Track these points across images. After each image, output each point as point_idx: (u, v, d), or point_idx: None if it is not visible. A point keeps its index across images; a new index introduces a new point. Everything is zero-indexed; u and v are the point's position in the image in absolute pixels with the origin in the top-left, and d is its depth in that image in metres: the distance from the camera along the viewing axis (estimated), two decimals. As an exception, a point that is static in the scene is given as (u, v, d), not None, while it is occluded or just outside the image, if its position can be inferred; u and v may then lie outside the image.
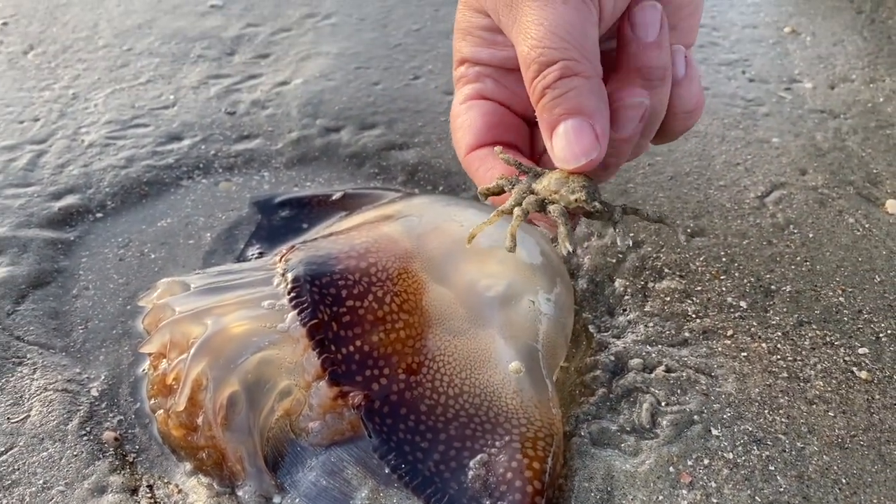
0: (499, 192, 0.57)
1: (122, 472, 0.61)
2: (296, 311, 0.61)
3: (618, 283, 0.76)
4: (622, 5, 0.57)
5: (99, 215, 0.88)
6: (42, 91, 1.11)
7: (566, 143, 0.53)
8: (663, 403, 0.63)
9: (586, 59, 0.53)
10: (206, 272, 0.71)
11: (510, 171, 0.57)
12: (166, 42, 1.26)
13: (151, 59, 1.20)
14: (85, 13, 1.36)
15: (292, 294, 0.62)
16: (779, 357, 0.68)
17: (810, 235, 0.82)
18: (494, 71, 0.63)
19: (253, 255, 0.81)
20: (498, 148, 0.58)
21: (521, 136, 0.64)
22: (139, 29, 1.30)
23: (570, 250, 0.53)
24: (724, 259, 0.79)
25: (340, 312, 0.61)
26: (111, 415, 0.66)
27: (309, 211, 0.87)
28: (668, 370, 0.66)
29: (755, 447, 0.60)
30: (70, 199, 0.89)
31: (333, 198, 0.88)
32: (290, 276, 0.63)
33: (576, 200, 0.52)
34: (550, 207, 0.53)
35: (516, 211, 0.54)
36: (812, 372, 0.66)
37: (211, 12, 1.36)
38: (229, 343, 0.60)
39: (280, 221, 0.86)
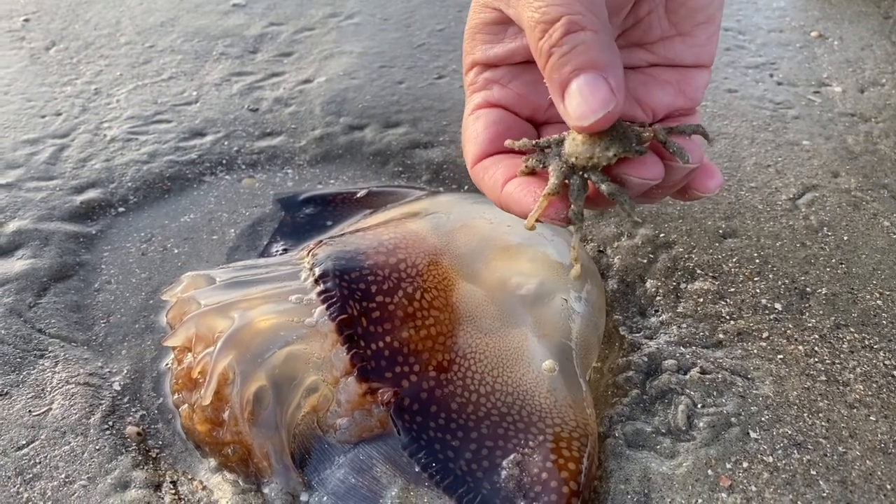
0: (531, 173, 0.54)
1: (146, 467, 0.60)
2: (324, 306, 0.60)
3: (649, 283, 0.75)
4: None
5: (121, 210, 0.87)
6: (64, 86, 1.11)
7: (581, 100, 0.50)
8: (699, 405, 0.62)
9: (592, 12, 0.51)
10: (231, 266, 0.70)
11: (516, 169, 0.55)
12: (188, 40, 1.25)
13: (174, 56, 1.20)
14: (107, 10, 1.36)
15: (321, 288, 0.61)
16: (816, 360, 0.66)
17: (845, 238, 0.80)
18: (503, 72, 0.61)
19: (277, 251, 0.80)
20: (508, 141, 0.56)
21: (528, 133, 0.61)
22: (161, 27, 1.30)
23: (639, 220, 0.50)
24: (757, 260, 0.77)
25: (370, 308, 0.60)
26: (134, 409, 0.65)
27: (333, 208, 0.86)
28: (703, 372, 0.64)
29: (795, 451, 0.58)
30: (92, 193, 0.88)
31: (358, 195, 0.87)
32: (318, 270, 0.62)
33: (614, 155, 0.49)
34: (594, 178, 0.50)
35: (572, 190, 0.50)
36: (851, 375, 0.65)
37: (233, 11, 1.35)
38: (256, 337, 0.59)
39: (304, 218, 0.85)
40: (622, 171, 0.51)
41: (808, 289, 0.74)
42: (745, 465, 0.57)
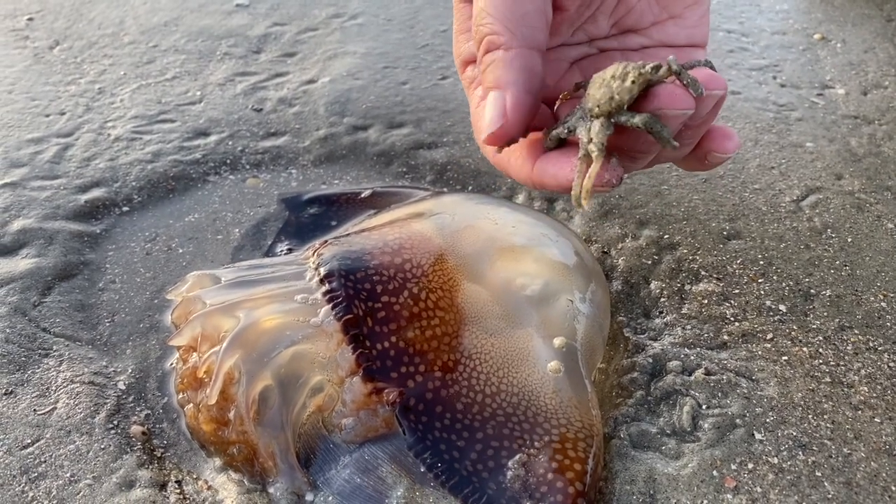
0: (559, 145, 0.55)
1: (151, 466, 0.60)
2: (330, 306, 0.60)
3: (653, 285, 0.75)
4: None
5: (125, 209, 0.88)
6: (68, 85, 1.11)
7: (485, 114, 0.54)
8: (704, 406, 0.62)
9: (509, 30, 0.53)
10: (237, 266, 0.70)
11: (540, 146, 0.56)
12: (192, 40, 1.25)
13: (177, 56, 1.20)
14: (111, 10, 1.36)
15: (326, 288, 0.61)
16: (821, 361, 0.66)
17: (849, 240, 0.80)
18: None
19: (281, 251, 0.80)
20: (564, 94, 0.57)
21: (544, 117, 0.62)
22: (165, 26, 1.30)
23: (676, 145, 0.49)
24: (761, 262, 0.77)
25: (375, 308, 0.60)
26: (138, 409, 0.65)
27: (337, 208, 0.86)
28: (708, 373, 0.65)
29: (800, 452, 0.58)
30: (96, 193, 0.88)
31: (362, 195, 0.87)
32: (323, 270, 0.62)
33: (633, 81, 0.48)
34: (623, 118, 0.50)
35: (593, 150, 0.50)
36: (856, 377, 0.65)
37: (237, 11, 1.35)
38: (262, 336, 0.59)
39: (308, 218, 0.85)
40: (655, 107, 0.50)
41: (812, 290, 0.74)
42: (750, 466, 0.57)
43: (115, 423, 0.63)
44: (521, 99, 0.53)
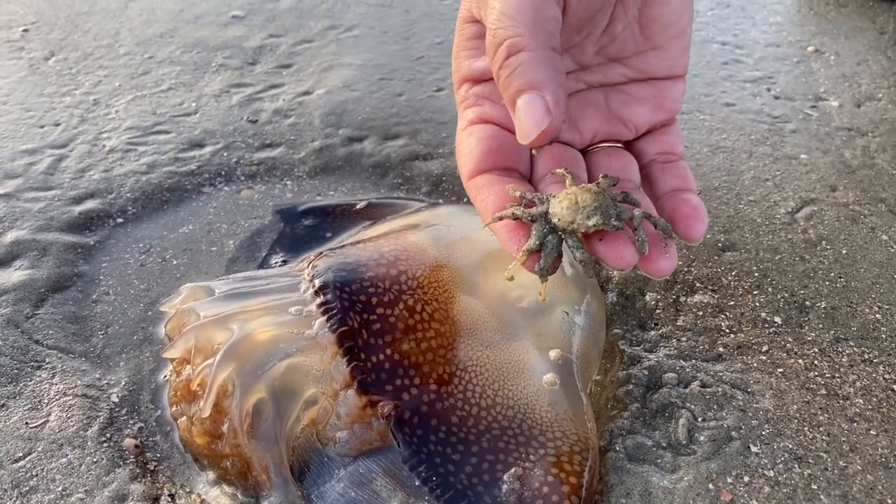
0: (516, 219, 0.55)
1: (143, 480, 0.59)
2: (325, 318, 0.60)
3: (649, 296, 0.75)
4: None
5: (120, 220, 0.87)
6: (63, 97, 1.11)
7: (523, 119, 0.54)
8: (700, 419, 0.62)
9: (532, 33, 0.54)
10: (231, 278, 0.70)
11: (509, 198, 0.56)
12: (188, 51, 1.25)
13: (173, 68, 1.20)
14: (106, 21, 1.36)
15: (321, 300, 0.61)
16: (816, 374, 0.66)
17: (843, 252, 0.80)
18: (493, 87, 0.62)
19: (276, 262, 0.80)
20: (510, 186, 0.57)
21: (520, 158, 0.63)
22: (161, 38, 1.30)
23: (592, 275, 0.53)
24: (756, 274, 0.77)
25: (371, 320, 0.60)
26: (132, 422, 0.64)
27: (333, 220, 0.86)
28: (704, 385, 0.64)
29: (796, 465, 0.58)
30: (91, 204, 0.88)
31: (357, 207, 0.87)
32: (318, 281, 0.62)
33: (594, 225, 0.51)
34: (570, 241, 0.53)
35: (547, 250, 0.53)
36: (851, 389, 0.65)
37: (232, 23, 1.35)
38: (256, 349, 0.59)
39: (303, 230, 0.84)
40: (599, 250, 0.53)
41: (807, 302, 0.74)
42: (746, 479, 0.57)
43: (108, 436, 0.62)
44: (560, 96, 0.53)
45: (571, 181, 0.55)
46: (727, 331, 0.70)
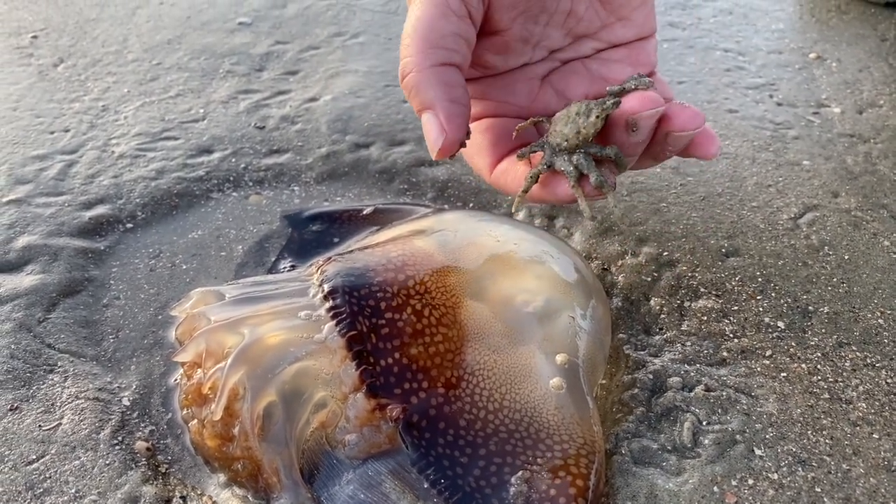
0: (535, 179, 0.60)
1: (155, 482, 0.60)
2: (334, 322, 0.60)
3: (653, 301, 0.75)
4: None
5: (129, 226, 0.88)
6: (72, 103, 1.12)
7: (427, 137, 0.58)
8: (704, 423, 0.62)
9: (422, 51, 0.57)
10: (240, 283, 0.70)
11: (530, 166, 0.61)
12: (195, 57, 1.26)
13: (181, 74, 1.21)
14: (114, 28, 1.37)
15: (330, 304, 0.61)
16: (819, 378, 0.67)
17: (846, 257, 0.81)
18: (471, 90, 0.65)
19: (284, 268, 0.81)
20: (520, 124, 0.61)
21: (528, 134, 0.66)
22: (168, 44, 1.31)
23: (615, 206, 0.56)
24: (759, 279, 0.78)
25: (379, 324, 0.61)
26: (143, 424, 0.65)
27: (340, 225, 0.86)
28: (708, 389, 0.65)
29: (800, 468, 0.58)
30: (100, 209, 0.89)
31: (364, 212, 0.88)
32: (327, 286, 0.63)
33: (598, 117, 0.54)
34: (593, 150, 0.56)
35: (572, 184, 0.57)
36: (854, 394, 0.65)
37: (240, 29, 1.37)
38: (267, 353, 0.59)
39: (311, 235, 0.85)
40: (629, 114, 0.55)
41: (810, 307, 0.74)
42: (750, 482, 0.57)
43: (120, 438, 0.63)
44: (450, 110, 0.56)
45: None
46: (731, 335, 0.71)
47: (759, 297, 0.76)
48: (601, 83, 0.67)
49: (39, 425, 0.63)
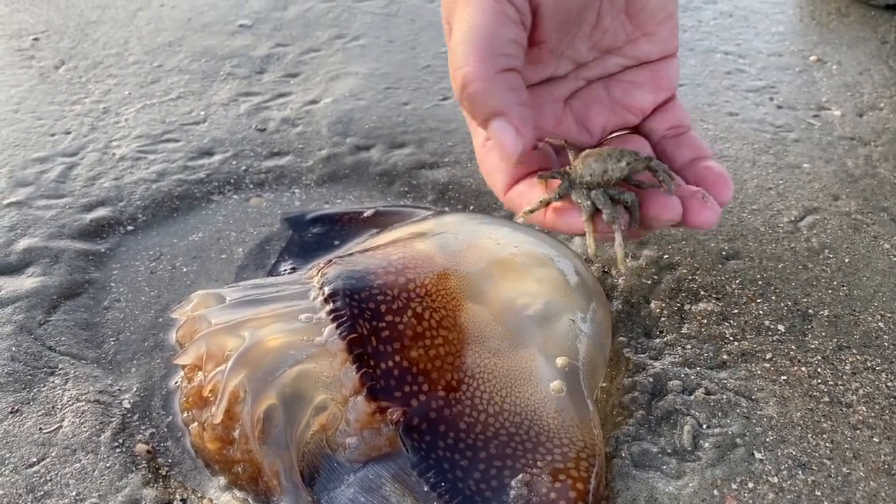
0: (546, 203, 0.59)
1: (156, 485, 0.60)
2: (334, 325, 0.61)
3: (653, 304, 0.75)
4: None
5: (130, 228, 0.88)
6: (73, 105, 1.12)
7: (497, 145, 0.57)
8: (704, 426, 0.62)
9: (482, 60, 0.56)
10: (241, 285, 0.71)
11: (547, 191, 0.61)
12: (196, 60, 1.27)
13: (181, 76, 1.21)
14: (115, 30, 1.38)
15: (331, 307, 0.61)
16: (819, 381, 0.67)
17: (846, 260, 0.81)
18: None
19: (285, 270, 0.81)
20: (540, 144, 0.61)
21: (547, 158, 0.67)
22: (169, 46, 1.31)
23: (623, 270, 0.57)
24: (759, 282, 0.78)
25: (380, 327, 0.61)
26: (143, 427, 0.65)
27: (340, 228, 0.87)
28: (708, 392, 0.65)
29: (800, 471, 0.58)
30: (101, 212, 0.89)
31: (365, 215, 0.88)
32: (327, 289, 0.63)
33: (627, 165, 0.56)
34: (612, 192, 0.58)
35: (584, 217, 0.59)
36: (854, 397, 0.65)
37: (240, 32, 1.37)
38: (267, 355, 0.59)
39: (311, 238, 0.85)
40: (646, 211, 0.59)
41: (810, 311, 0.74)
42: (750, 485, 0.57)
43: (121, 441, 0.63)
44: (522, 113, 0.56)
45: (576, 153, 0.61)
46: (731, 339, 0.71)
47: (759, 301, 0.76)
48: (623, 113, 0.67)
49: (40, 428, 0.63)
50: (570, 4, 0.60)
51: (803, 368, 0.68)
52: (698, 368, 0.68)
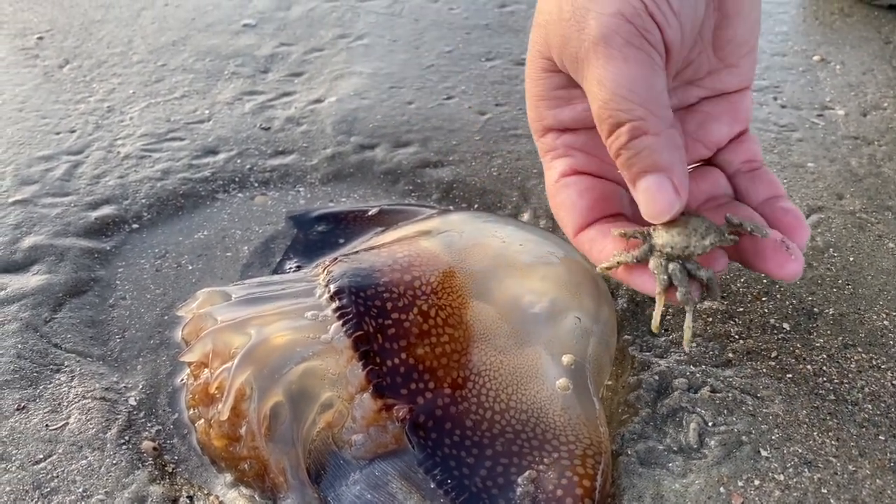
0: (623, 264, 0.59)
1: (162, 482, 0.60)
2: (340, 322, 0.61)
3: (658, 302, 0.75)
4: (691, 33, 0.57)
5: (135, 226, 0.88)
6: (77, 104, 1.12)
7: (649, 200, 0.55)
8: (710, 424, 0.62)
9: (653, 114, 0.54)
10: (247, 283, 0.71)
11: (623, 245, 0.60)
12: (200, 59, 1.27)
13: (186, 75, 1.21)
14: (119, 29, 1.38)
15: (337, 305, 0.62)
16: (825, 379, 0.67)
17: (851, 259, 0.81)
18: (584, 138, 0.64)
19: (290, 268, 0.81)
20: (615, 230, 0.60)
21: (623, 204, 0.65)
22: (173, 46, 1.32)
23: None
24: (764, 281, 0.78)
25: (385, 325, 0.61)
26: (149, 424, 0.65)
27: (345, 226, 0.87)
28: (714, 390, 0.65)
29: (806, 469, 0.59)
30: (106, 210, 0.89)
31: (369, 213, 0.88)
32: (333, 287, 0.63)
33: (710, 243, 0.55)
34: (688, 265, 0.57)
35: (658, 290, 0.57)
36: (860, 395, 0.65)
37: (244, 31, 1.37)
38: (273, 353, 0.60)
39: (316, 236, 0.86)
40: (760, 265, 0.58)
41: (815, 309, 0.75)
42: (756, 482, 0.57)
43: (127, 438, 0.63)
44: (685, 177, 0.55)
45: None
46: (736, 337, 0.71)
47: (764, 299, 0.76)
48: (699, 148, 0.66)
49: (46, 425, 0.64)
50: (686, 42, 0.59)
51: (809, 366, 0.68)
52: (704, 367, 0.68)
